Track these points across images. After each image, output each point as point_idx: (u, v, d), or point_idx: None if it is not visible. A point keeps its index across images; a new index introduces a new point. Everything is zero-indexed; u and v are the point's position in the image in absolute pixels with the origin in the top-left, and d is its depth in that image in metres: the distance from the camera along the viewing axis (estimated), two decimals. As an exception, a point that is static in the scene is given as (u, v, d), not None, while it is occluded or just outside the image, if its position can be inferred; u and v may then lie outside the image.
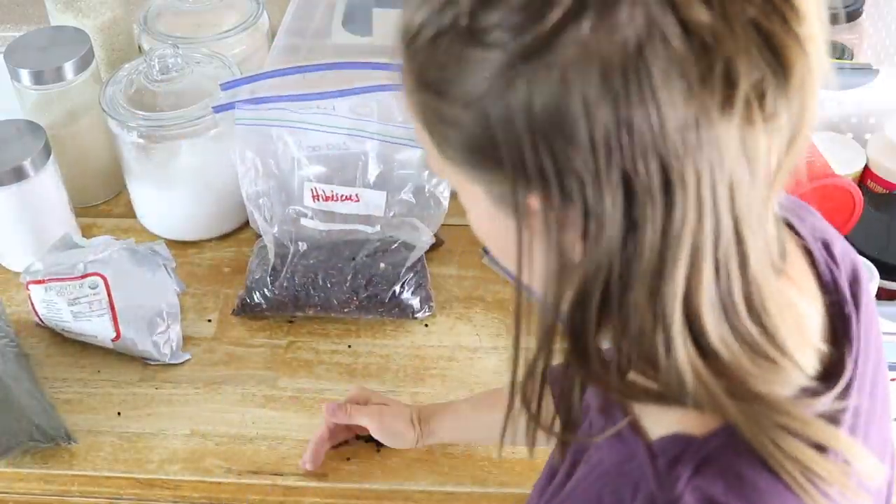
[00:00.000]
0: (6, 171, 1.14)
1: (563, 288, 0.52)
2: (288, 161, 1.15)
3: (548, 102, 0.46)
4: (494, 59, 0.47)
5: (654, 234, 0.48)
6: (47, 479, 1.02)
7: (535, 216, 0.51)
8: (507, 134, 0.48)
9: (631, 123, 0.46)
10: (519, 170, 0.49)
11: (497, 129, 0.48)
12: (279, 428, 1.05)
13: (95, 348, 1.14)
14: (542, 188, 0.49)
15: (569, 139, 0.47)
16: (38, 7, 1.44)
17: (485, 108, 0.48)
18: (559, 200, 0.49)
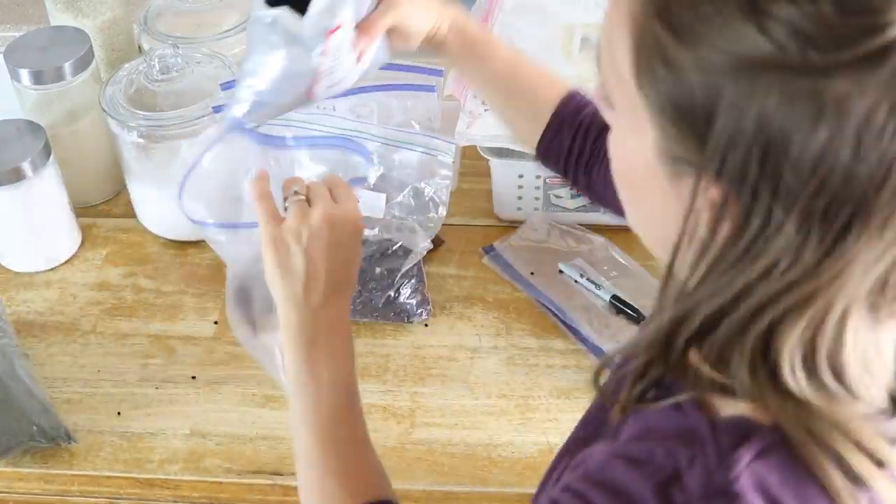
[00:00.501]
0: (6, 171, 1.14)
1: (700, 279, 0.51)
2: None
3: (792, 122, 0.45)
4: (763, 50, 0.45)
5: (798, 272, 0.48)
6: (47, 479, 1.02)
7: (707, 207, 0.49)
8: (730, 122, 0.46)
9: (856, 177, 0.45)
10: (720, 159, 0.47)
11: (724, 110, 0.46)
12: (279, 428, 1.05)
13: (95, 347, 1.14)
14: (733, 186, 0.47)
15: (790, 163, 0.45)
16: (38, 7, 1.44)
17: (720, 85, 0.46)
18: (741, 205, 0.48)
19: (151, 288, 1.21)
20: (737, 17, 0.45)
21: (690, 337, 0.53)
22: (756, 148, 0.46)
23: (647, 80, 0.50)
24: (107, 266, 1.24)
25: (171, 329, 1.16)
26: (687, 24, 0.47)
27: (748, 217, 0.48)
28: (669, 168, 0.51)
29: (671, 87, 0.48)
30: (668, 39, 0.47)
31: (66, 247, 1.25)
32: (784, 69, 0.44)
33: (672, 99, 0.48)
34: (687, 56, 0.47)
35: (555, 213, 1.24)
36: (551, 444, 1.02)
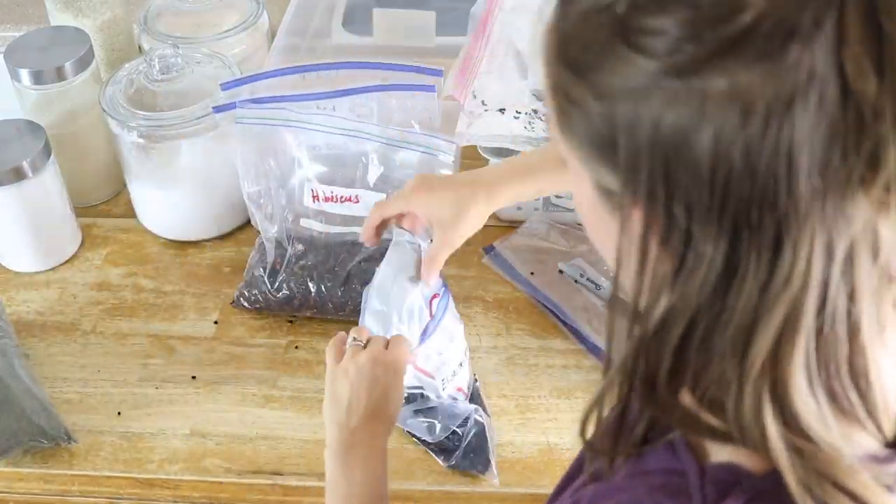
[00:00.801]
0: (6, 171, 1.14)
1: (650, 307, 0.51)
2: (288, 161, 1.15)
3: (679, 126, 0.45)
4: (641, 66, 0.46)
5: (752, 287, 0.47)
6: (47, 479, 1.02)
7: (635, 227, 0.49)
8: (629, 141, 0.47)
9: (756, 172, 0.44)
10: (630, 179, 0.48)
11: (621, 131, 0.47)
12: (279, 428, 1.05)
13: (95, 347, 1.14)
14: (649, 206, 0.48)
15: (689, 168, 0.46)
16: (38, 7, 1.44)
17: (615, 108, 0.47)
18: (662, 223, 0.48)
19: (151, 288, 1.21)
20: (615, 42, 0.47)
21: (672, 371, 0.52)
22: (656, 161, 0.47)
23: (564, 121, 0.52)
24: (107, 266, 1.24)
25: (171, 329, 1.16)
26: (577, 58, 0.49)
27: (669, 235, 0.48)
28: (605, 202, 0.52)
29: (579, 121, 0.50)
30: (567, 77, 0.50)
31: (66, 247, 1.25)
32: (660, 77, 0.45)
33: (584, 134, 0.50)
34: (586, 91, 0.49)
35: (554, 213, 1.24)
36: (551, 444, 1.02)
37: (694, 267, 0.48)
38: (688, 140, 0.45)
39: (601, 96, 0.48)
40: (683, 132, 0.45)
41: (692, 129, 0.45)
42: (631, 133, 0.47)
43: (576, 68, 0.49)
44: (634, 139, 0.47)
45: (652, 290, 0.50)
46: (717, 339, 0.49)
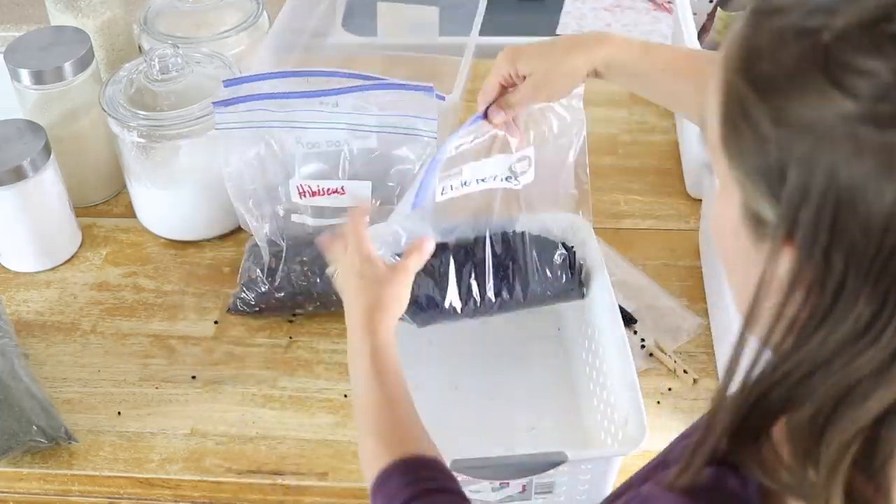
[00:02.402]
0: (6, 171, 1.14)
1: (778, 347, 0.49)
2: (273, 160, 1.15)
3: (862, 177, 0.43)
4: (838, 105, 0.44)
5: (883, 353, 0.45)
6: (47, 479, 1.02)
7: (782, 264, 0.47)
8: (800, 178, 0.45)
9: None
10: (791, 216, 0.46)
11: (794, 166, 0.45)
12: (279, 428, 1.05)
13: (95, 347, 1.14)
14: (806, 249, 0.46)
15: (861, 222, 0.44)
16: (38, 7, 1.44)
17: (794, 140, 0.45)
18: (816, 269, 0.46)
19: (151, 288, 1.21)
20: (813, 72, 0.44)
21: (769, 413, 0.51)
22: (826, 206, 0.44)
23: (731, 136, 0.49)
24: (107, 266, 1.24)
25: (171, 329, 1.16)
26: (767, 78, 0.46)
27: (822, 283, 0.46)
28: (752, 230, 0.50)
29: (749, 142, 0.47)
30: (749, 94, 0.47)
31: (66, 247, 1.25)
32: (854, 122, 0.43)
33: (750, 154, 0.48)
34: (764, 109, 0.46)
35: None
36: (551, 444, 1.02)
37: (838, 319, 0.46)
38: (867, 194, 0.43)
39: (783, 124, 0.45)
40: (864, 184, 0.43)
41: (874, 184, 0.43)
42: (805, 171, 0.45)
43: (761, 87, 0.47)
44: (807, 178, 0.45)
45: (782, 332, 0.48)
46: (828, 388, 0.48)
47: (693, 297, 1.16)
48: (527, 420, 1.05)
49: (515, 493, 0.94)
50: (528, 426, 1.04)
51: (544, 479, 0.92)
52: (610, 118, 1.44)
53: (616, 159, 1.37)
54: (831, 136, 0.44)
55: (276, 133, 1.13)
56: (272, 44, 1.32)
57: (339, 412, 1.06)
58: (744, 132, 0.48)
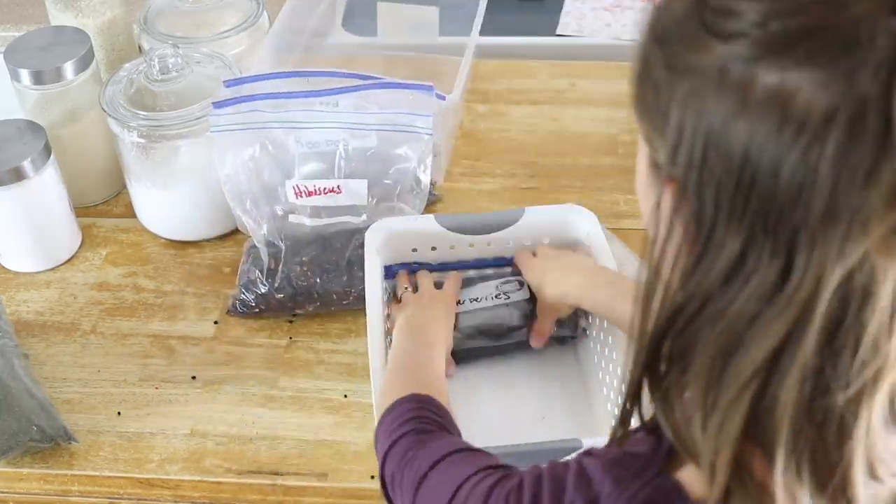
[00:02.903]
0: (6, 171, 1.14)
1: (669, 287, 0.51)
2: (270, 161, 1.15)
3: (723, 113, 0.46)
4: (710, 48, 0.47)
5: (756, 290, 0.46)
6: (47, 479, 1.02)
7: (666, 201, 0.51)
8: (679, 117, 0.48)
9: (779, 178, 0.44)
10: (672, 155, 0.49)
11: (675, 105, 0.48)
12: (279, 428, 1.05)
13: (95, 347, 1.14)
14: (682, 185, 0.49)
15: (723, 158, 0.46)
16: (38, 7, 1.44)
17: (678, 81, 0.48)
18: (690, 205, 0.49)
19: (151, 288, 1.21)
20: (695, 17, 0.48)
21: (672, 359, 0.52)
22: (697, 142, 0.47)
23: (637, 91, 0.53)
24: (107, 266, 1.24)
25: (171, 329, 1.16)
26: (663, 28, 0.51)
27: (697, 219, 0.48)
28: (654, 175, 0.53)
29: (648, 91, 0.51)
30: (650, 45, 0.51)
31: (66, 247, 1.25)
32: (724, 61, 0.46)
33: (648, 103, 0.51)
34: (659, 56, 0.50)
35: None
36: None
37: (712, 256, 0.48)
38: (727, 130, 0.46)
39: (671, 68, 0.49)
40: (725, 120, 0.46)
41: (734, 119, 0.46)
42: (683, 109, 0.48)
43: (658, 37, 0.51)
44: (684, 116, 0.48)
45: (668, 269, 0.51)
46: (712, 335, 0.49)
47: (693, 298, 1.16)
48: (536, 409, 1.05)
49: None
50: (538, 415, 1.04)
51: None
52: (610, 118, 1.44)
53: (616, 159, 1.37)
54: (705, 75, 0.47)
55: (273, 133, 1.13)
56: (272, 44, 1.32)
57: (339, 412, 1.06)
58: (644, 81, 0.52)
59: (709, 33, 0.47)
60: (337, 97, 1.14)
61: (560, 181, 1.34)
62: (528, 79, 1.51)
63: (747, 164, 0.45)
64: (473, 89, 1.47)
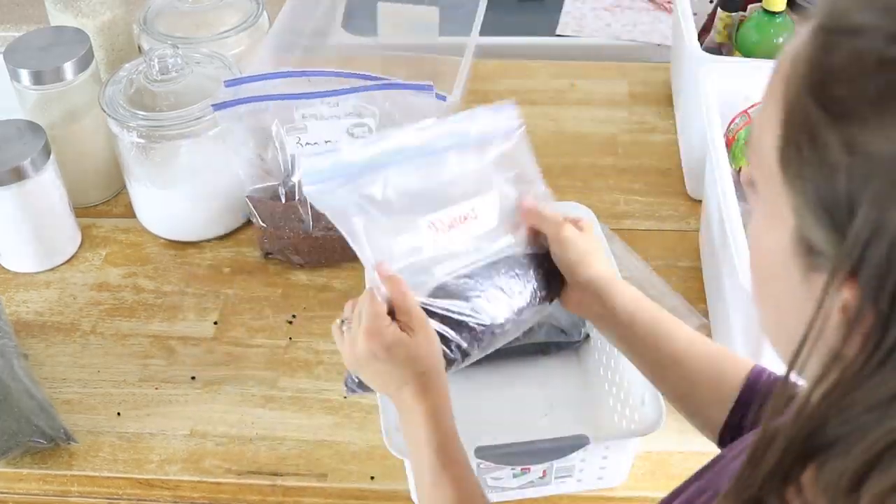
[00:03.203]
0: (6, 171, 1.14)
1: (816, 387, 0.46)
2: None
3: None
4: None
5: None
6: (47, 479, 1.02)
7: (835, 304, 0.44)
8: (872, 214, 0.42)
9: None
10: (855, 254, 0.42)
11: (866, 200, 0.42)
12: (279, 428, 1.05)
13: (95, 347, 1.14)
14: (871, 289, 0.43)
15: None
16: (38, 7, 1.44)
17: (868, 172, 0.42)
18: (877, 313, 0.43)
19: (151, 288, 1.21)
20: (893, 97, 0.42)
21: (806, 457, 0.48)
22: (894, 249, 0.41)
23: (792, 159, 0.45)
24: (107, 266, 1.24)
25: (171, 329, 1.16)
26: (841, 101, 0.43)
27: (885, 328, 0.43)
28: (804, 260, 0.46)
29: (815, 168, 0.44)
30: (818, 116, 0.44)
31: (65, 247, 1.25)
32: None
33: (814, 182, 0.44)
34: (837, 135, 0.43)
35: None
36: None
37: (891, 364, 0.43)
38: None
39: (858, 153, 0.42)
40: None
41: None
42: (880, 206, 0.41)
43: (835, 111, 0.43)
44: (881, 214, 0.41)
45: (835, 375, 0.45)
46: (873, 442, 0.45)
47: (693, 298, 1.16)
48: (540, 406, 1.05)
49: (536, 479, 0.94)
50: (542, 412, 1.05)
51: (565, 462, 0.92)
52: (610, 118, 1.44)
53: (616, 159, 1.37)
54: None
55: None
56: (272, 44, 1.32)
57: (338, 413, 1.06)
58: (809, 157, 0.44)
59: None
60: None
61: (560, 181, 1.33)
62: (528, 79, 1.51)
63: None
64: (473, 89, 1.47)
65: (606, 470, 0.96)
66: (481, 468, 0.91)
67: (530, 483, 0.95)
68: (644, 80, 1.50)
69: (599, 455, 0.93)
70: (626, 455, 0.95)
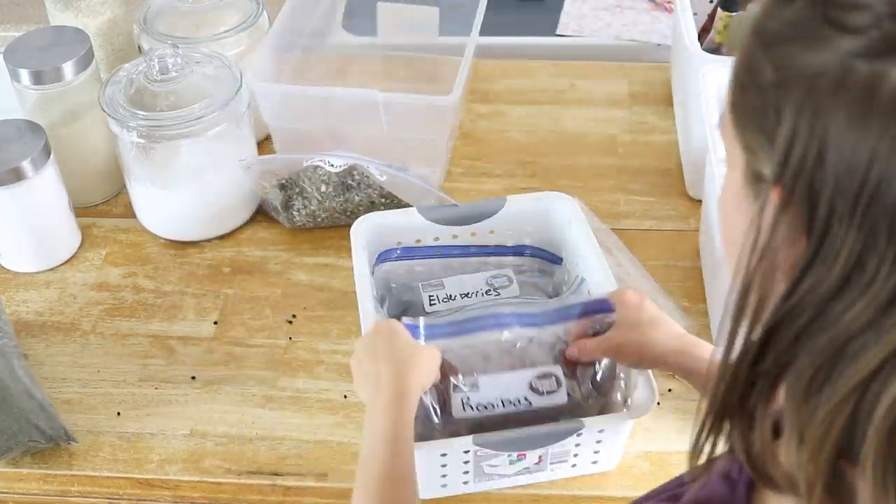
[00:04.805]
0: (6, 171, 1.14)
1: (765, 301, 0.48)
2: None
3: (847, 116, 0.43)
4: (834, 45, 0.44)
5: (873, 297, 0.44)
6: (47, 479, 1.02)
7: (769, 210, 0.47)
8: (793, 120, 0.45)
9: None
10: (782, 159, 0.46)
11: (789, 108, 0.45)
12: (279, 428, 1.05)
13: (95, 347, 1.14)
14: (791, 189, 0.46)
15: (845, 159, 0.43)
16: (38, 7, 1.44)
17: (791, 83, 0.46)
18: (800, 211, 0.46)
19: (151, 288, 1.21)
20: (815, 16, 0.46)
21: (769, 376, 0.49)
22: (813, 142, 0.44)
23: (738, 96, 0.50)
24: (106, 266, 1.24)
25: (171, 329, 1.16)
26: (772, 31, 0.48)
27: (809, 224, 0.46)
28: (753, 189, 0.50)
29: (753, 95, 0.49)
30: (756, 49, 0.49)
31: (65, 247, 1.25)
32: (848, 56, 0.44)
33: (753, 108, 0.49)
34: (767, 59, 0.47)
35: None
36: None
37: (826, 263, 0.45)
38: (850, 133, 0.43)
39: (782, 70, 0.46)
40: (847, 123, 0.43)
41: (856, 123, 0.43)
42: (797, 113, 0.45)
43: (767, 40, 0.48)
44: (798, 119, 0.45)
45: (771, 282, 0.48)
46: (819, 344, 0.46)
47: (693, 298, 1.16)
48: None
49: (532, 465, 0.95)
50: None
51: (559, 448, 0.93)
52: (610, 118, 1.44)
53: (616, 159, 1.37)
54: (825, 74, 0.44)
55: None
56: (272, 44, 1.32)
57: (338, 413, 1.06)
58: (749, 88, 0.49)
59: (831, 27, 0.44)
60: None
61: (560, 181, 1.34)
62: (528, 79, 1.51)
63: (872, 168, 0.43)
64: (473, 89, 1.47)
65: (601, 454, 0.96)
66: (479, 455, 0.91)
67: (526, 469, 0.95)
68: (644, 80, 1.50)
69: (593, 440, 0.94)
70: (620, 438, 0.96)
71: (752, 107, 0.49)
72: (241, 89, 1.20)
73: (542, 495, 0.99)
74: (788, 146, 0.46)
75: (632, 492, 0.98)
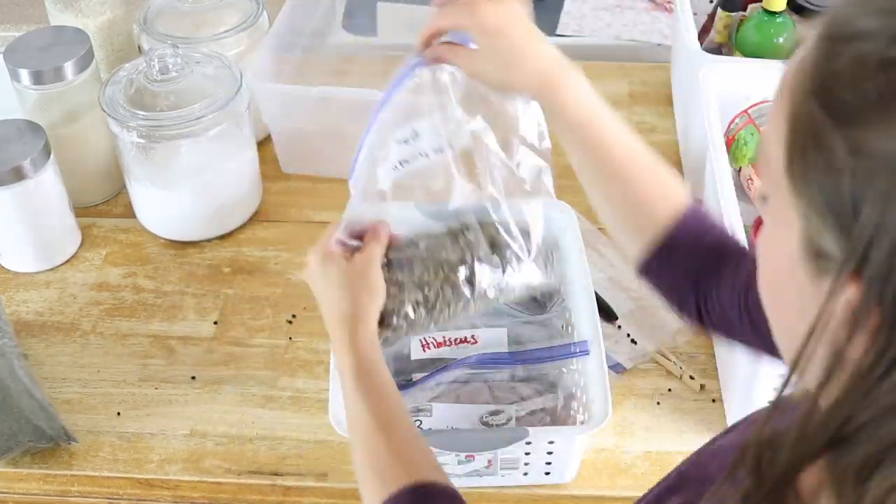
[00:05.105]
0: (6, 171, 1.14)
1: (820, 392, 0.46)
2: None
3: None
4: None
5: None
6: (47, 479, 1.02)
7: (840, 304, 0.44)
8: (876, 213, 0.42)
9: None
10: (861, 254, 0.42)
11: (871, 200, 0.42)
12: (279, 428, 1.05)
13: (95, 347, 1.14)
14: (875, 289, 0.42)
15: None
16: (38, 7, 1.44)
17: (873, 172, 0.42)
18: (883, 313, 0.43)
19: (151, 288, 1.21)
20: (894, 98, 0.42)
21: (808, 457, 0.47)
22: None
23: (798, 165, 0.46)
24: (106, 266, 1.24)
25: (171, 329, 1.16)
26: (845, 106, 0.44)
27: (891, 328, 0.43)
28: (812, 264, 0.46)
29: (820, 172, 0.44)
30: (823, 121, 0.44)
31: (66, 247, 1.25)
32: None
33: (820, 185, 0.45)
34: (841, 138, 0.43)
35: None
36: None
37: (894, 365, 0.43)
38: None
39: (861, 154, 0.42)
40: None
41: None
42: (883, 206, 0.42)
43: (837, 114, 0.44)
44: (884, 213, 0.42)
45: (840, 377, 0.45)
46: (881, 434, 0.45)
47: (693, 298, 1.16)
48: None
49: (482, 468, 0.95)
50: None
51: (508, 454, 0.94)
52: (610, 118, 1.43)
53: (616, 159, 1.37)
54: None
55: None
56: (272, 44, 1.32)
57: (338, 412, 1.06)
58: (815, 161, 0.45)
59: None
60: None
61: (560, 181, 1.33)
62: (528, 79, 1.51)
63: None
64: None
65: (553, 465, 0.96)
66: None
67: (476, 472, 0.96)
68: (644, 80, 1.50)
69: (544, 449, 0.94)
70: (574, 450, 0.96)
71: (819, 180, 0.44)
72: (241, 89, 1.20)
73: (542, 495, 0.99)
74: (869, 244, 0.42)
75: (632, 492, 0.98)
